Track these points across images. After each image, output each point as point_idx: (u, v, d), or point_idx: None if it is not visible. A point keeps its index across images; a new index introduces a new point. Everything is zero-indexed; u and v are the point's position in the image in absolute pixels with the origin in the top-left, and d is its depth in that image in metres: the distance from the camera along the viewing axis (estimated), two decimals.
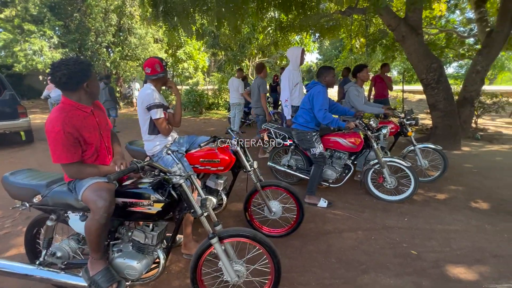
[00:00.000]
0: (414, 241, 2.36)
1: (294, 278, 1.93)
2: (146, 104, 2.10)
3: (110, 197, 1.40)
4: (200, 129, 7.74)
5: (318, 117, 2.90)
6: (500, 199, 3.08)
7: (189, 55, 14.69)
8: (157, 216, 1.52)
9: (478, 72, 5.63)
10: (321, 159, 3.00)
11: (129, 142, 2.65)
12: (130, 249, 1.61)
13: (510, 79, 21.61)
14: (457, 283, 1.87)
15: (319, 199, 3.02)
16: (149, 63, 2.14)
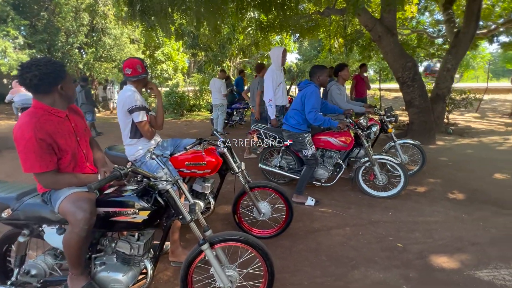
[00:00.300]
0: (399, 234, 2.43)
1: (286, 279, 1.92)
2: (127, 107, 2.00)
3: (90, 207, 1.31)
4: (182, 132, 7.55)
5: (309, 118, 2.88)
6: (473, 190, 3.27)
7: (167, 56, 14.32)
8: (143, 225, 1.44)
9: (449, 70, 5.97)
10: (313, 160, 3.00)
11: (108, 148, 2.51)
12: (114, 261, 1.51)
13: (474, 76, 23.23)
14: (441, 272, 1.95)
15: (306, 197, 3.04)
16: (129, 63, 2.04)
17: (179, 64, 15.23)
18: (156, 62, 13.90)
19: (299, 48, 31.26)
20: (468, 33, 5.60)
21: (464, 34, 5.68)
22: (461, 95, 6.95)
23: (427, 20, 12.67)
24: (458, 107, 7.08)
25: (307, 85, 2.97)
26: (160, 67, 13.94)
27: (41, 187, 1.46)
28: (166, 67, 14.04)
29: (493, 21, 9.46)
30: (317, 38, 9.40)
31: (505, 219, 2.61)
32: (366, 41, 10.34)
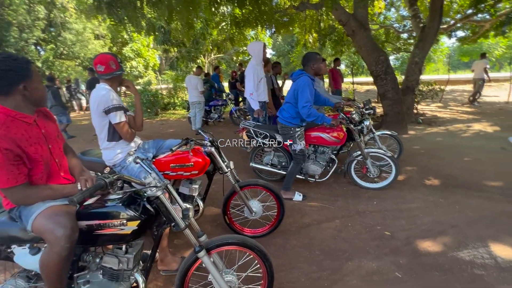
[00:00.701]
0: (386, 222, 2.52)
1: (282, 277, 1.89)
2: (102, 107, 1.82)
3: (71, 222, 1.16)
4: (158, 132, 7.22)
5: (302, 113, 2.75)
6: (447, 175, 3.49)
7: (137, 52, 13.60)
8: (132, 236, 1.31)
9: (416, 63, 6.31)
10: (301, 156, 2.95)
11: (82, 153, 2.29)
12: (100, 278, 1.37)
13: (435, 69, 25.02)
14: (428, 256, 2.04)
15: (294, 193, 3.04)
16: (101, 60, 1.85)
17: (150, 61, 14.55)
18: (124, 59, 13.13)
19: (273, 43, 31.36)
20: (433, 27, 5.94)
21: (429, 29, 6.01)
22: (427, 86, 7.40)
23: (393, 15, 13.33)
24: (425, 98, 7.54)
25: (300, 75, 2.79)
26: (129, 64, 13.21)
27: (7, 202, 1.27)
28: (136, 64, 13.34)
29: (451, 17, 10.19)
30: (292, 33, 9.44)
31: (477, 201, 2.81)
32: (338, 36, 10.62)
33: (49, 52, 11.38)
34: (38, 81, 1.25)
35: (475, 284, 1.75)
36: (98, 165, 2.16)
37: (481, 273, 1.84)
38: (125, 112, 2.00)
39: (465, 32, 11.83)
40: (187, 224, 1.36)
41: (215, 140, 2.21)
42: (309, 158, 3.21)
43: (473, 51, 19.89)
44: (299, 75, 2.82)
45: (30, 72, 1.21)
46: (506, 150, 4.35)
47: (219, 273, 1.41)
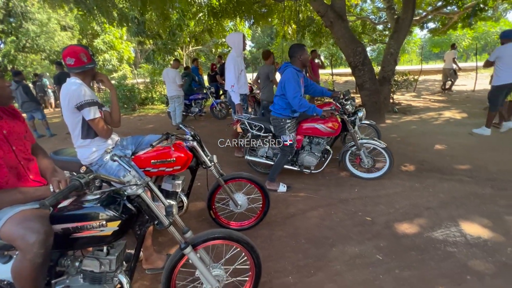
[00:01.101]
0: (366, 208, 2.62)
1: (270, 267, 1.92)
2: (74, 103, 1.70)
3: (44, 227, 1.09)
4: (137, 128, 6.96)
5: (293, 104, 2.76)
6: (422, 161, 3.68)
7: (109, 45, 12.87)
8: (113, 237, 1.26)
9: (392, 54, 6.51)
10: (289, 148, 2.97)
11: (54, 152, 2.15)
12: (80, 282, 1.31)
13: (409, 60, 26.09)
14: (406, 238, 2.16)
15: (278, 184, 3.07)
16: (70, 52, 1.72)
17: (124, 53, 13.86)
18: (96, 52, 12.40)
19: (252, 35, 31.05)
20: (407, 19, 6.14)
21: (403, 20, 6.21)
22: (402, 77, 7.69)
23: (369, 7, 13.61)
24: (400, 88, 7.85)
25: (285, 68, 2.82)
26: (101, 58, 12.49)
27: None
28: (109, 57, 12.65)
29: (423, 9, 10.59)
30: (271, 24, 9.38)
31: (448, 184, 3.00)
32: (317, 27, 10.71)
33: (10, 45, 10.45)
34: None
35: (448, 261, 1.88)
36: (73, 165, 2.04)
37: (453, 250, 1.98)
38: (100, 108, 1.89)
39: (436, 24, 12.37)
40: (171, 222, 1.32)
41: (197, 134, 2.16)
42: (304, 149, 3.21)
43: (443, 42, 20.91)
44: (285, 67, 2.84)
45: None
46: (473, 136, 4.65)
47: (207, 268, 1.40)
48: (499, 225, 2.23)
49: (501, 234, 2.12)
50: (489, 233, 2.14)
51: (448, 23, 10.88)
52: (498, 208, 2.47)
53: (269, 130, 3.18)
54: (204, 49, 16.57)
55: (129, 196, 1.30)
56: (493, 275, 1.74)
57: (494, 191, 2.78)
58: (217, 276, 1.45)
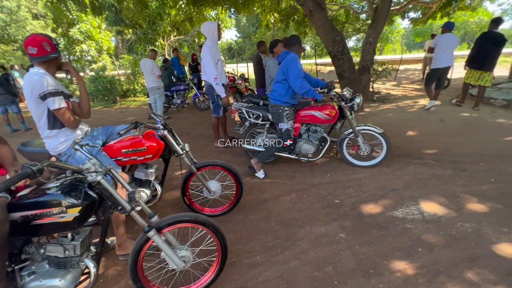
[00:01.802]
0: (336, 192, 2.75)
1: (240, 249, 2.01)
2: (37, 93, 1.68)
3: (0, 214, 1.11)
4: (117, 120, 6.83)
5: (295, 86, 2.77)
6: (393, 146, 3.82)
7: (87, 34, 12.35)
8: (76, 223, 1.30)
9: (371, 44, 6.63)
10: (286, 135, 3.01)
11: (22, 144, 2.13)
12: (46, 268, 1.35)
13: (392, 49, 26.52)
14: (369, 217, 2.30)
15: (260, 168, 3.13)
16: (32, 41, 1.68)
17: (103, 44, 13.35)
18: (72, 42, 11.87)
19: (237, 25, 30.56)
20: (384, 8, 6.23)
21: (381, 10, 6.30)
22: (381, 66, 7.86)
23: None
24: (380, 77, 8.03)
25: (286, 54, 2.87)
26: (78, 48, 11.99)
27: None
28: (87, 47, 12.16)
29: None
30: (253, 13, 9.26)
31: (414, 167, 3.17)
32: (300, 16, 10.67)
33: None
34: None
35: (404, 236, 2.03)
36: (42, 156, 2.03)
37: (410, 226, 2.14)
38: (67, 98, 1.88)
39: (416, 13, 12.60)
40: (134, 207, 1.37)
41: (168, 123, 2.18)
42: (302, 137, 3.23)
43: (425, 32, 21.33)
44: (285, 54, 2.89)
45: None
46: (443, 122, 4.88)
47: (172, 250, 1.47)
48: (454, 203, 2.41)
49: (454, 211, 2.30)
50: (444, 210, 2.31)
51: (427, 13, 11.11)
52: (455, 188, 2.66)
53: (267, 118, 3.22)
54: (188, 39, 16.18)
55: (90, 183, 1.33)
56: (441, 246, 1.90)
57: (454, 172, 2.97)
58: (183, 257, 1.52)
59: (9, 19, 10.26)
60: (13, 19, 10.35)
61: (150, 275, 1.65)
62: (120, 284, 1.76)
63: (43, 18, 11.87)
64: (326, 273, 1.74)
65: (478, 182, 2.73)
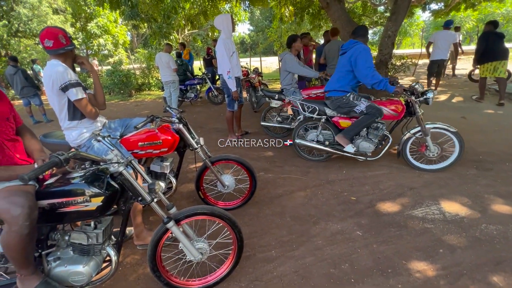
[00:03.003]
0: (352, 188, 2.70)
1: (255, 243, 2.02)
2: (59, 84, 1.73)
3: (28, 201, 1.15)
4: (133, 114, 6.98)
5: (366, 75, 2.60)
6: None
7: (104, 28, 12.59)
8: (99, 212, 1.33)
9: (389, 37, 6.38)
10: (372, 110, 2.76)
11: (44, 135, 2.20)
12: (71, 254, 1.40)
13: (411, 43, 25.54)
14: (387, 216, 2.25)
15: (348, 143, 2.92)
16: (49, 33, 1.72)
17: (119, 38, 13.59)
18: (90, 36, 12.15)
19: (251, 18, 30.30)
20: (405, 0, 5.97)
21: (402, 1, 6.04)
22: (400, 60, 7.59)
23: None
24: (398, 72, 7.76)
25: (355, 44, 2.75)
26: (96, 42, 12.26)
27: None
28: (104, 41, 12.41)
29: None
30: (268, 6, 9.12)
31: None
32: (316, 9, 10.41)
33: (1, 29, 10.24)
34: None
35: (424, 236, 1.97)
36: (61, 147, 2.09)
37: (430, 226, 2.07)
38: (85, 90, 1.92)
39: (438, 5, 12.02)
40: (153, 198, 1.39)
41: (183, 117, 2.20)
42: (360, 134, 2.99)
43: None
44: (353, 44, 2.77)
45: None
46: (466, 119, 4.67)
47: (190, 241, 1.49)
48: (478, 204, 2.31)
49: (478, 212, 2.20)
50: (466, 211, 2.22)
51: (451, 4, 10.57)
52: (479, 188, 2.55)
53: (323, 112, 3.07)
54: (201, 33, 16.20)
55: (112, 174, 1.36)
56: (464, 248, 1.83)
57: (478, 172, 2.85)
58: (200, 249, 1.54)
59: (31, 14, 10.59)
60: (35, 14, 10.67)
61: (168, 266, 1.68)
62: (138, 273, 1.81)
63: (63, 12, 12.18)
64: (342, 270, 1.72)
65: (504, 183, 2.60)
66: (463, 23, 21.22)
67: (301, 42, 4.04)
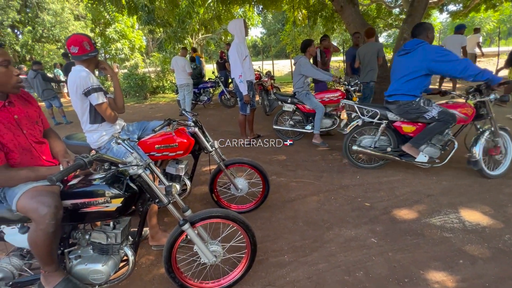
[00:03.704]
0: (367, 194, 2.65)
1: (267, 247, 2.02)
2: (82, 89, 1.81)
3: (54, 201, 1.21)
4: (148, 116, 7.16)
5: (460, 69, 2.33)
6: None
7: (121, 33, 13.03)
8: (118, 213, 1.38)
9: (405, 40, 6.24)
10: (446, 116, 2.58)
11: (67, 137, 2.30)
12: (90, 253, 1.45)
13: None
14: (402, 223, 2.19)
15: (418, 152, 2.78)
16: (74, 40, 1.81)
17: (135, 42, 14.01)
18: (108, 41, 12.60)
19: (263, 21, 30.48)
20: (422, 1, 5.84)
21: (418, 3, 5.91)
22: None
23: None
24: None
25: (421, 44, 2.55)
26: (114, 47, 12.70)
27: None
28: (121, 46, 12.84)
29: None
30: (281, 9, 9.16)
31: (454, 171, 2.96)
32: (329, 12, 10.36)
33: (27, 35, 10.80)
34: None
35: (443, 245, 1.91)
36: (83, 149, 2.18)
37: (449, 235, 2.00)
38: (105, 94, 1.99)
39: (457, 6, 11.68)
40: (170, 200, 1.42)
41: (198, 120, 2.24)
42: None
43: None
44: (418, 44, 2.58)
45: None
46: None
47: (204, 244, 1.51)
48: (500, 213, 2.21)
49: (501, 222, 2.11)
50: (488, 221, 2.13)
51: (470, 4, 10.25)
52: (502, 197, 2.44)
53: (385, 117, 2.89)
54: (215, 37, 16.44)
55: (131, 176, 1.41)
56: (486, 259, 1.75)
57: (501, 180, 2.73)
58: (214, 251, 1.56)
59: (54, 20, 11.12)
60: (58, 21, 11.20)
61: (182, 267, 1.71)
62: (153, 273, 1.84)
63: (84, 19, 12.71)
64: (356, 278, 1.69)
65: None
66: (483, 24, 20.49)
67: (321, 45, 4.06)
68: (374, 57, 4.58)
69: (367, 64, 4.67)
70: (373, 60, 4.64)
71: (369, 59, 4.63)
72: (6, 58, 1.21)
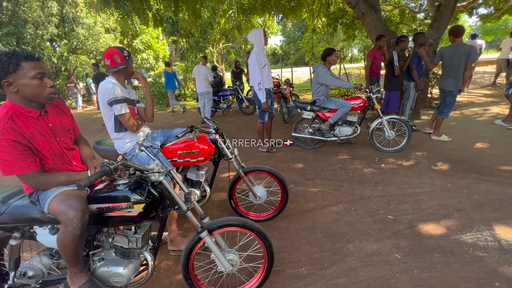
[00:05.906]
0: (389, 206, 2.53)
1: (285, 258, 1.98)
2: (106, 99, 1.92)
3: (82, 205, 1.27)
4: (169, 122, 7.40)
5: None
6: (457, 160, 3.41)
7: (147, 44, 13.74)
8: (139, 218, 1.42)
9: (431, 45, 6.01)
10: None
11: (97, 142, 2.44)
12: (113, 256, 1.51)
13: None
14: (429, 239, 2.06)
15: None
16: (108, 54, 1.94)
17: (159, 52, 14.67)
18: (135, 52, 13.31)
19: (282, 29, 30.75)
20: (449, 5, 5.61)
21: (445, 7, 5.69)
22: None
23: None
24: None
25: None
26: (140, 57, 13.38)
27: (27, 187, 1.40)
28: (147, 56, 13.50)
29: None
30: (301, 18, 9.20)
31: (486, 184, 2.75)
32: (349, 19, 10.25)
33: (63, 47, 11.72)
34: (27, 77, 1.22)
35: (475, 265, 1.76)
36: (111, 154, 2.30)
37: (483, 255, 1.85)
38: (134, 104, 2.09)
39: (488, 9, 11.08)
40: (189, 207, 1.45)
41: (220, 128, 2.28)
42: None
43: (497, 30, 18.56)
44: None
45: (12, 68, 1.19)
46: None
47: (221, 252, 1.51)
48: None
49: None
50: None
51: (503, 7, 9.68)
52: None
53: None
54: (235, 46, 16.82)
55: (153, 182, 1.45)
56: None
57: None
58: (231, 260, 1.55)
59: (87, 33, 11.99)
60: (90, 33, 12.06)
61: (199, 274, 1.71)
62: (171, 279, 1.87)
63: (113, 31, 13.58)
64: None
65: None
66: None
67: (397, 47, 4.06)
68: (464, 60, 3.77)
69: (454, 69, 3.85)
70: (463, 64, 3.80)
71: (458, 63, 3.79)
72: (41, 71, 1.27)
